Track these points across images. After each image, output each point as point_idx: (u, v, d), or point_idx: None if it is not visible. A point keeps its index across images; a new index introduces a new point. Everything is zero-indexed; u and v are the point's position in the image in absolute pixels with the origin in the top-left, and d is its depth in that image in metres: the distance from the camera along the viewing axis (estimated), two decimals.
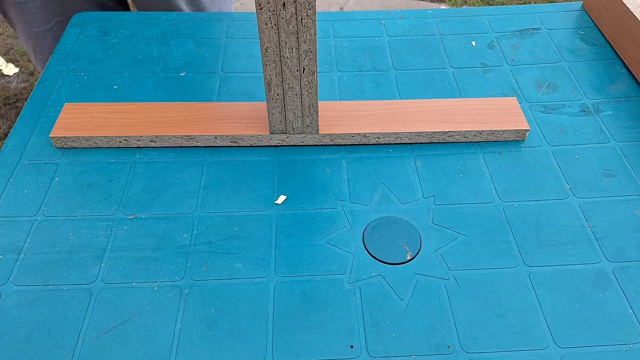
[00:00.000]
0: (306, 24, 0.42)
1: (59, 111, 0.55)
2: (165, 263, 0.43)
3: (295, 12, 0.41)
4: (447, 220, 0.47)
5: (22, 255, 0.43)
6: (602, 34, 0.67)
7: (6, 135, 1.49)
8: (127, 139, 0.51)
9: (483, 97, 0.59)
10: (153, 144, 0.52)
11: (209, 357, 0.37)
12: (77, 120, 0.52)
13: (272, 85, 0.46)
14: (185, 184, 0.49)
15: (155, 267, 0.42)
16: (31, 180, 0.49)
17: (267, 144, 0.52)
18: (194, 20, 0.68)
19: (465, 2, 2.20)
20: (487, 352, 0.38)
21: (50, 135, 0.51)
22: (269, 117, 0.50)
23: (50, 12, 0.76)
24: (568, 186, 0.50)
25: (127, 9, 0.87)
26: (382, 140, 0.53)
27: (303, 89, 0.47)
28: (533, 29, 0.68)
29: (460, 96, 0.59)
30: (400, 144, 0.53)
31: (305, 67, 0.45)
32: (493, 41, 0.66)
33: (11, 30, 1.98)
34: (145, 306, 0.40)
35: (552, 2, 2.17)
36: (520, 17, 0.70)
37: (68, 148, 0.52)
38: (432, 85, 0.60)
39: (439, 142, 0.53)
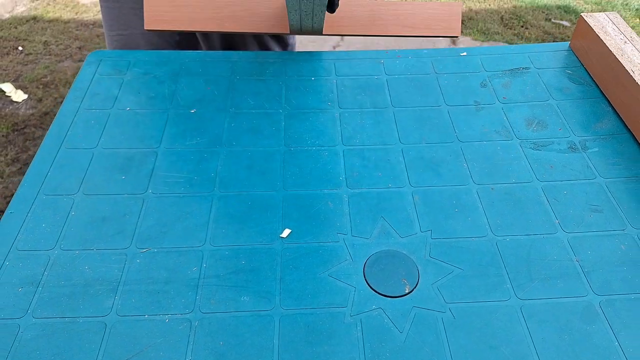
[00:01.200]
0: None
1: (76, 146, 0.58)
2: (175, 296, 0.45)
3: None
4: (443, 253, 0.49)
5: (40, 288, 0.45)
6: (588, 73, 0.71)
7: (14, 161, 1.52)
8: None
9: (478, 135, 0.62)
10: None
11: None
12: (162, 13, 0.69)
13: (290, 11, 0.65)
14: (194, 218, 0.52)
15: (167, 300, 0.45)
16: (49, 215, 0.51)
17: (288, 33, 0.71)
18: (204, 60, 0.71)
19: (462, 33, 2.26)
20: None
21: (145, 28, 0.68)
22: (289, 23, 0.68)
23: (113, 23, 0.82)
24: (557, 221, 0.52)
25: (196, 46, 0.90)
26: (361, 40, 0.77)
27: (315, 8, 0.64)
28: (523, 68, 0.72)
29: (456, 133, 0.62)
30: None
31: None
32: (485, 80, 0.69)
33: (20, 57, 2.03)
34: (157, 338, 0.42)
35: (543, 41, 2.23)
36: (511, 57, 0.73)
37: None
38: (428, 122, 0.63)
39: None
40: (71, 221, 0.51)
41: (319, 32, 0.70)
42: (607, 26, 0.71)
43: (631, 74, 0.62)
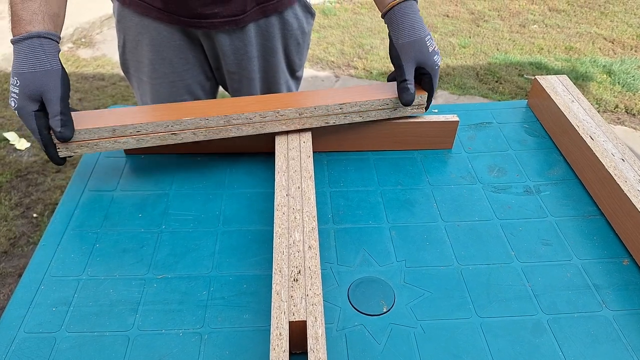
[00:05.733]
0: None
1: (98, 189, 0.67)
2: (188, 314, 0.53)
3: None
4: (415, 279, 0.58)
5: (72, 308, 0.53)
6: (542, 127, 0.82)
7: (17, 205, 1.59)
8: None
9: (447, 180, 0.72)
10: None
11: None
12: None
13: None
14: (202, 249, 0.60)
15: (180, 318, 0.52)
16: (76, 247, 0.59)
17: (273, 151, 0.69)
18: None
19: (440, 87, 2.42)
20: None
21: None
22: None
23: (157, 96, 0.93)
24: (513, 252, 0.61)
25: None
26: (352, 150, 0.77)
27: None
28: (486, 123, 0.83)
29: (427, 178, 0.72)
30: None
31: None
32: None
33: None
34: (172, 349, 0.49)
35: (516, 95, 2.40)
36: (476, 113, 0.85)
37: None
38: (404, 168, 0.73)
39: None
40: (96, 252, 0.59)
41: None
42: (557, 87, 0.83)
43: (576, 128, 0.73)
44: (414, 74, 0.68)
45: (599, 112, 2.31)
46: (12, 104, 0.59)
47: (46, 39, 0.60)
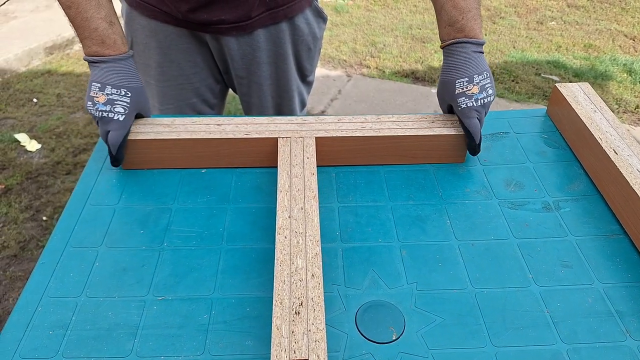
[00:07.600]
0: None
1: (99, 203, 0.65)
2: (188, 340, 0.51)
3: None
4: (427, 304, 0.55)
5: (69, 332, 0.51)
6: (562, 137, 0.78)
7: (27, 208, 1.59)
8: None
9: (461, 194, 0.68)
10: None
11: None
12: (140, 156, 0.69)
13: None
14: (205, 269, 0.58)
15: (180, 343, 0.50)
16: (76, 265, 0.57)
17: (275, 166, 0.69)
18: None
19: None
20: None
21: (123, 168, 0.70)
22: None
23: (164, 99, 0.94)
24: (530, 275, 0.58)
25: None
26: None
27: None
28: (503, 132, 0.79)
29: (440, 193, 0.69)
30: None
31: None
32: None
33: (35, 109, 2.14)
34: None
35: (533, 95, 2.34)
36: (492, 122, 0.81)
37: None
38: (416, 182, 0.70)
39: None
40: (96, 271, 0.57)
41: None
42: (578, 96, 0.79)
43: (599, 141, 0.69)
44: (446, 110, 0.74)
45: (619, 113, 2.25)
46: (120, 112, 0.64)
47: (132, 58, 0.68)
